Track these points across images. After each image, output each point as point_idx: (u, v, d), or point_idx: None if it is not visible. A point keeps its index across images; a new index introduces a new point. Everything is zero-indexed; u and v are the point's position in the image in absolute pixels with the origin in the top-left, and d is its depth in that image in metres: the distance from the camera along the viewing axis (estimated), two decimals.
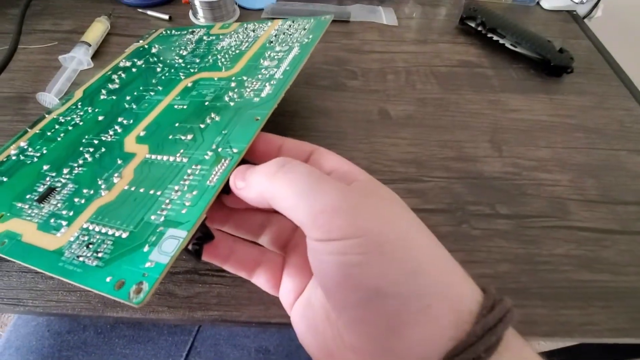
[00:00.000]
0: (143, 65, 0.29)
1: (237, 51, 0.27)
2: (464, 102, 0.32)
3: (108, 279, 0.13)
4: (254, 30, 0.29)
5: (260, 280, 0.17)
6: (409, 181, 0.26)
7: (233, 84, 0.23)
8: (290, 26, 0.28)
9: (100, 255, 0.14)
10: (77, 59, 0.32)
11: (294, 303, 0.16)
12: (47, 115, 0.26)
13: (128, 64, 0.29)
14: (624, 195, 0.26)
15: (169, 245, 0.13)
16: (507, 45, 0.36)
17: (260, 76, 0.23)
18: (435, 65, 0.35)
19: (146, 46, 0.32)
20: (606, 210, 0.25)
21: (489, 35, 0.37)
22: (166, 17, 0.38)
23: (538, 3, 0.44)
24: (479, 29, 0.37)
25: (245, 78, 0.23)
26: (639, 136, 0.30)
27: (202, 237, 0.15)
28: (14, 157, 0.22)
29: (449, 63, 0.36)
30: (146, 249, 0.14)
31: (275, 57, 0.25)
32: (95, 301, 0.20)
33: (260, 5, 0.40)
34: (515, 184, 0.26)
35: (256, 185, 0.14)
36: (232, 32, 0.30)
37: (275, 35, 0.27)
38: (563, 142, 0.29)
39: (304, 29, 0.26)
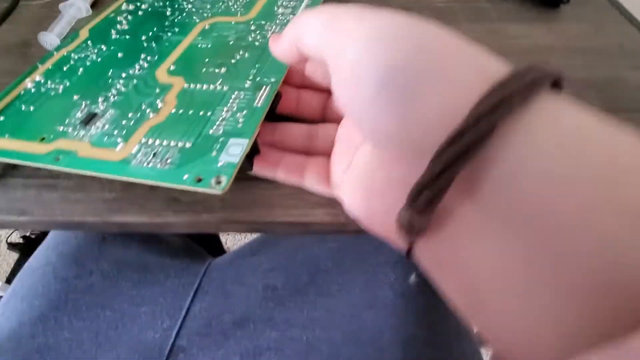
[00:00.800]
0: (149, 9, 0.29)
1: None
2: (464, 32, 0.34)
3: (185, 177, 0.15)
4: None
5: (312, 179, 0.18)
6: None
7: (253, 27, 0.24)
8: None
9: (169, 161, 0.16)
10: (76, 6, 0.32)
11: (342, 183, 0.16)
12: (55, 53, 0.26)
13: (131, 7, 0.30)
14: (627, 104, 0.28)
15: (235, 149, 0.16)
16: None
17: (278, 21, 0.25)
18: (432, 2, 0.36)
19: None
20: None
21: None
22: None
23: None
24: None
25: (263, 22, 0.25)
26: (639, 55, 0.31)
27: (251, 151, 0.18)
28: (33, 90, 0.23)
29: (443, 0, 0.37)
30: (214, 154, 0.16)
31: (289, 5, 0.26)
32: (102, 208, 0.20)
33: None
34: None
35: (285, 35, 0.15)
36: None
37: None
38: (564, 63, 0.31)
39: None
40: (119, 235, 0.38)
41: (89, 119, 0.19)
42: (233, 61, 0.21)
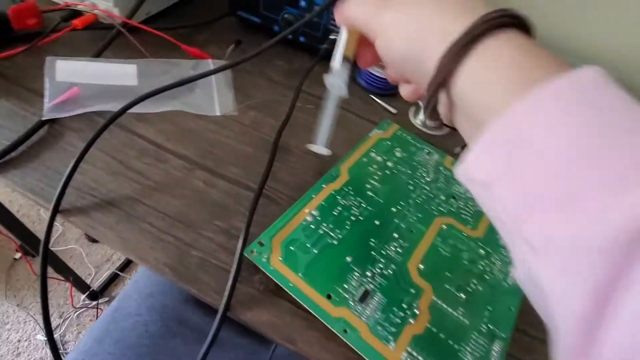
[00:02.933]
0: (395, 172, 0.36)
1: (475, 209, 0.34)
2: None
3: None
4: None
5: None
6: None
7: (482, 252, 0.31)
8: None
9: None
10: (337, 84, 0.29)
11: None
12: (324, 186, 0.34)
13: (379, 158, 0.37)
14: None
15: None
16: None
17: (501, 256, 0.31)
18: None
19: (389, 142, 0.39)
20: None
21: None
22: (394, 111, 0.45)
23: None
24: None
25: (490, 251, 0.31)
26: None
27: None
28: (312, 226, 0.31)
29: None
30: None
31: None
32: None
33: None
34: None
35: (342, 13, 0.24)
36: None
37: None
38: None
39: None
40: (198, 300, 0.41)
41: (364, 297, 0.27)
42: (469, 290, 0.28)
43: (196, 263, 0.28)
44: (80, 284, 0.87)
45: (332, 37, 0.45)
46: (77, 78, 0.36)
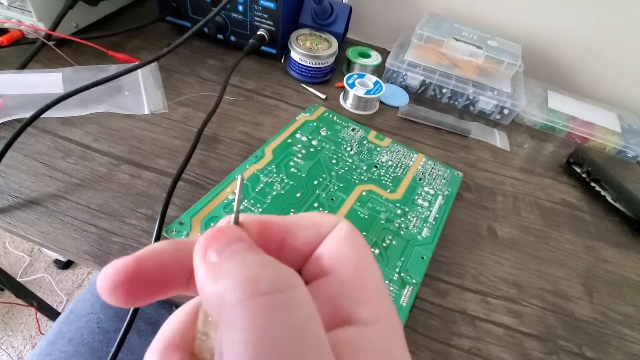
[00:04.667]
0: (319, 148, 0.38)
1: (394, 175, 0.36)
2: (563, 241, 0.38)
3: None
4: (403, 157, 0.39)
5: None
6: (510, 301, 0.32)
7: (398, 211, 0.32)
8: (432, 168, 0.38)
9: None
10: None
11: None
12: (248, 167, 0.35)
13: (304, 138, 0.39)
14: None
15: None
16: (607, 197, 0.42)
17: (417, 213, 0.32)
18: (539, 198, 0.42)
19: (315, 123, 0.41)
20: None
21: (592, 184, 0.43)
22: (323, 96, 0.47)
23: (638, 162, 0.49)
24: (584, 175, 0.44)
25: (407, 210, 0.33)
26: None
27: None
28: (234, 204, 0.32)
29: (552, 199, 0.42)
30: None
31: (426, 198, 0.34)
32: None
33: (396, 104, 0.49)
34: (602, 331, 0.31)
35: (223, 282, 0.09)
36: (387, 149, 0.39)
37: (422, 174, 0.37)
38: None
39: (444, 179, 0.37)
40: None
41: None
42: (384, 245, 0.29)
43: (117, 249, 0.29)
44: (50, 311, 0.85)
45: (259, 32, 0.47)
46: (0, 90, 0.37)
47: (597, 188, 0.44)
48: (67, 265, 1.00)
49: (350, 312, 0.11)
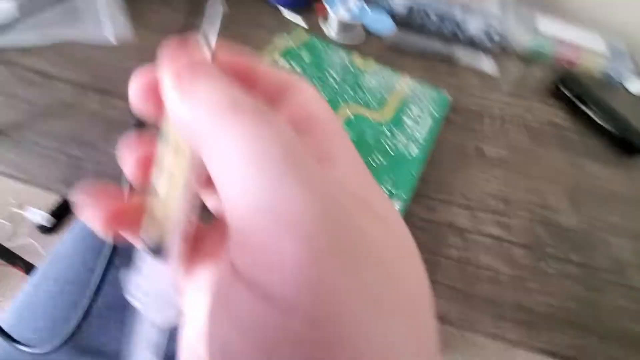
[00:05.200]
0: (302, 74, 0.36)
1: (380, 96, 0.35)
2: (551, 158, 0.38)
3: None
4: (390, 79, 0.37)
5: None
6: (498, 214, 0.32)
7: (387, 132, 0.31)
8: (419, 90, 0.36)
9: None
10: None
11: None
12: None
13: (287, 66, 0.37)
14: None
15: None
16: (594, 117, 0.42)
17: (406, 133, 0.31)
18: (527, 120, 0.42)
19: (296, 48, 0.38)
20: None
21: (580, 105, 0.43)
22: (306, 26, 0.44)
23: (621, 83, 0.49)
24: (572, 97, 0.44)
25: (395, 130, 0.31)
26: None
27: None
28: None
29: (540, 121, 0.42)
30: None
31: (414, 118, 0.33)
32: None
33: (381, 29, 0.47)
34: (587, 239, 0.32)
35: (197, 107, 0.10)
36: (373, 72, 0.37)
37: (410, 96, 0.36)
38: (634, 214, 0.35)
39: (432, 100, 0.35)
40: None
41: None
42: (373, 164, 0.28)
43: (91, 174, 0.27)
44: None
45: None
46: None
47: (584, 109, 0.43)
48: (51, 229, 0.98)
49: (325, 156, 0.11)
